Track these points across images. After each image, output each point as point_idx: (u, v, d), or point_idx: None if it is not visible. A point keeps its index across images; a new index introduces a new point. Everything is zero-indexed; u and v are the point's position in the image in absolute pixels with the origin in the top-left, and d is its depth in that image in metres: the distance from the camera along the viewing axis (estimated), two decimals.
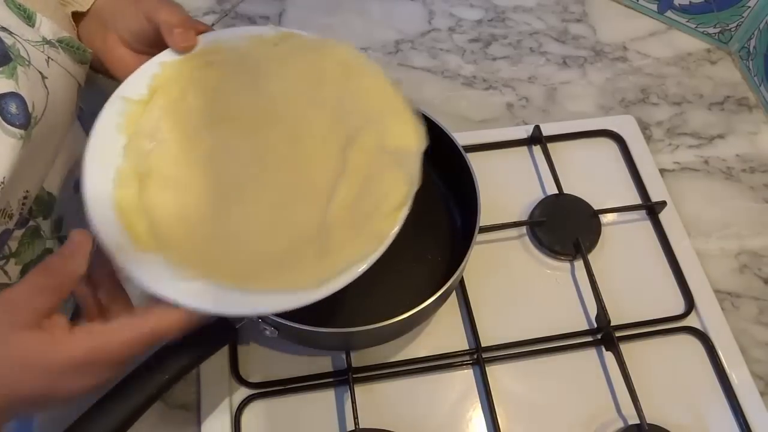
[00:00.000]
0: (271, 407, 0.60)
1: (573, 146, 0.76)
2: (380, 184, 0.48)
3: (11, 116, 0.45)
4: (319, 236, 0.47)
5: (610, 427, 0.59)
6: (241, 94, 0.53)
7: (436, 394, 0.61)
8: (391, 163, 0.49)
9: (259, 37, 0.55)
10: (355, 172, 0.49)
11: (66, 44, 0.51)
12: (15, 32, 0.47)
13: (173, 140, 0.51)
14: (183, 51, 0.53)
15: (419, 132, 0.51)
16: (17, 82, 0.45)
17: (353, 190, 0.48)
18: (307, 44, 0.55)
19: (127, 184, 0.48)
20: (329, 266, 0.45)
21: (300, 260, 0.46)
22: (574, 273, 0.67)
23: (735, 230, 0.71)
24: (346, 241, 0.47)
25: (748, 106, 0.81)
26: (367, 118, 0.51)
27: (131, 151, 0.50)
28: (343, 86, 0.53)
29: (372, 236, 0.46)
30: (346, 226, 0.47)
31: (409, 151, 0.50)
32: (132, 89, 0.52)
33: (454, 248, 0.63)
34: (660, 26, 0.88)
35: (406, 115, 0.51)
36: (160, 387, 0.48)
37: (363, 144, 0.50)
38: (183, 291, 0.44)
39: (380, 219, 0.47)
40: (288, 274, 0.46)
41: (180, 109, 0.52)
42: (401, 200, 0.48)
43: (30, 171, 0.49)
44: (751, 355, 0.63)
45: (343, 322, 0.53)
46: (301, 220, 0.48)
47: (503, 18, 0.89)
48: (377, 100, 0.52)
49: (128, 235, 0.46)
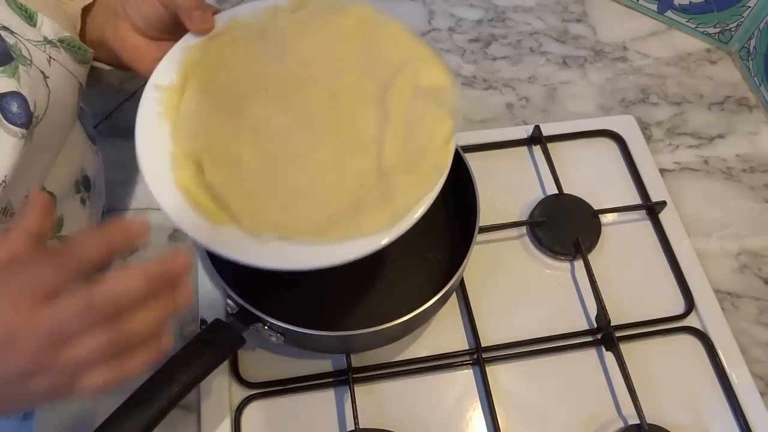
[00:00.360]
0: (271, 407, 0.60)
1: (573, 146, 0.76)
2: (424, 123, 0.50)
3: (13, 115, 0.45)
4: (380, 182, 0.49)
5: (610, 427, 0.59)
6: (270, 64, 0.54)
7: (436, 394, 0.61)
8: (429, 102, 0.51)
9: (275, 8, 0.56)
10: (397, 116, 0.51)
11: (67, 44, 0.51)
12: (17, 32, 0.47)
13: (216, 120, 0.52)
14: (202, 33, 0.54)
15: (446, 69, 0.53)
16: (19, 81, 0.45)
17: (400, 134, 0.50)
18: (323, 7, 0.56)
19: (184, 167, 0.49)
20: (398, 205, 0.47)
21: (368, 207, 0.48)
22: (574, 273, 0.67)
23: (735, 230, 0.71)
24: (407, 181, 0.48)
25: (748, 106, 0.81)
26: (396, 66, 0.53)
27: (178, 135, 0.51)
28: (366, 40, 0.55)
29: (431, 170, 0.48)
30: (403, 167, 0.49)
31: (443, 87, 0.51)
32: (163, 77, 0.53)
33: (454, 248, 0.63)
34: (660, 26, 0.88)
35: (432, 57, 0.53)
36: (171, 399, 0.48)
37: (398, 89, 0.52)
38: (267, 255, 0.46)
39: (434, 154, 0.49)
40: (361, 221, 0.47)
41: (215, 89, 0.53)
42: (448, 134, 0.50)
43: (32, 170, 0.49)
44: (751, 355, 0.63)
45: (344, 325, 0.53)
46: (358, 171, 0.50)
47: (503, 18, 0.89)
48: (401, 48, 0.54)
49: (200, 213, 0.47)
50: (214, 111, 0.52)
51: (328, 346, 0.60)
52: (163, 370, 0.48)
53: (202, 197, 0.48)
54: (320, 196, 0.49)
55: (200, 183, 0.49)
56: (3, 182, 0.45)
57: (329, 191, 0.49)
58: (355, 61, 0.54)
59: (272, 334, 0.54)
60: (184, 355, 0.50)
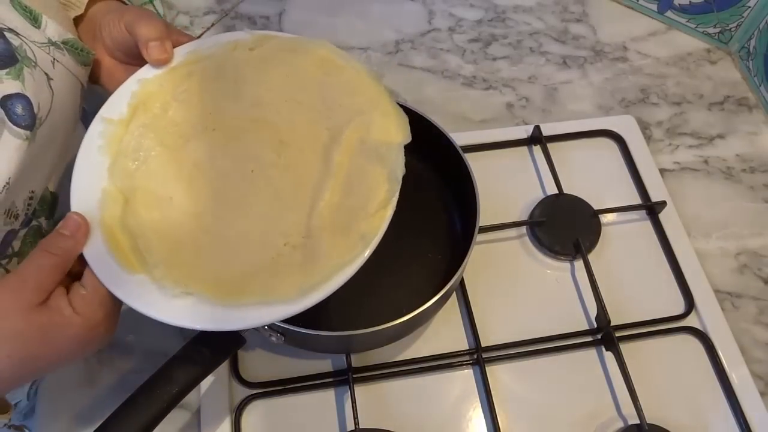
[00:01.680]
0: (271, 407, 0.60)
1: (573, 146, 0.76)
2: (363, 183, 0.48)
3: (17, 117, 0.45)
4: (306, 242, 0.47)
5: (610, 427, 0.59)
6: (222, 102, 0.53)
7: (436, 394, 0.61)
8: (373, 159, 0.49)
9: (235, 43, 0.55)
10: (339, 172, 0.49)
11: (70, 46, 0.51)
12: (22, 33, 0.47)
13: (157, 157, 0.51)
14: (159, 64, 0.53)
15: (402, 123, 0.50)
16: (24, 83, 0.45)
17: (338, 192, 0.48)
18: (284, 45, 0.55)
19: (111, 205, 0.48)
20: (315, 273, 0.45)
21: (286, 270, 0.46)
22: (574, 273, 0.67)
23: (735, 230, 0.71)
24: (332, 246, 0.46)
25: (748, 106, 0.81)
26: (350, 114, 0.51)
27: (115, 171, 0.50)
28: (323, 84, 0.53)
29: (358, 238, 0.46)
30: (332, 229, 0.47)
31: (390, 144, 0.49)
32: (112, 109, 0.52)
33: (454, 248, 0.63)
34: (660, 26, 0.88)
35: (388, 107, 0.51)
36: (171, 399, 0.48)
37: (346, 142, 0.50)
38: (171, 312, 0.44)
39: (365, 220, 0.46)
40: (274, 284, 0.45)
41: (162, 125, 0.52)
42: (384, 198, 0.47)
43: (35, 172, 0.49)
44: (751, 355, 0.63)
45: (344, 325, 0.53)
46: (288, 226, 0.48)
47: (503, 18, 0.89)
48: (359, 94, 0.52)
49: (115, 257, 0.46)
50: (156, 148, 0.51)
51: (328, 346, 0.60)
52: (163, 370, 0.48)
53: (122, 241, 0.47)
54: (242, 251, 0.48)
55: (123, 224, 0.47)
56: (7, 184, 0.45)
57: (253, 247, 0.48)
58: (311, 106, 0.52)
59: (272, 334, 0.54)
60: (184, 355, 0.49)
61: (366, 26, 0.87)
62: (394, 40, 0.86)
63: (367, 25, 0.87)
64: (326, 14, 0.89)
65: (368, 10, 0.89)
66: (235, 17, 0.88)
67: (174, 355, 0.49)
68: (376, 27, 0.87)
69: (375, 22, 0.88)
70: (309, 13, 0.89)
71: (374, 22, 0.88)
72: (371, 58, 0.84)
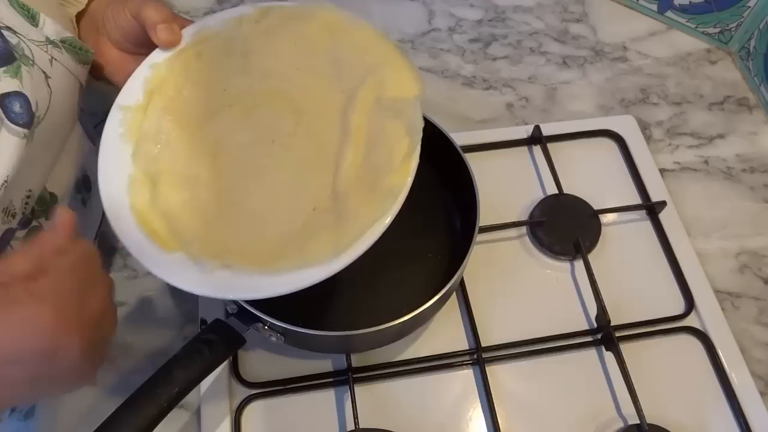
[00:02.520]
0: (271, 407, 0.60)
1: (573, 146, 0.76)
2: (384, 139, 0.48)
3: (15, 115, 0.45)
4: (334, 205, 0.47)
5: (610, 427, 0.59)
6: (235, 78, 0.53)
7: (436, 394, 0.61)
8: (390, 116, 0.49)
9: (241, 18, 0.55)
10: (358, 132, 0.49)
11: (69, 44, 0.51)
12: (19, 32, 0.47)
13: (178, 138, 0.51)
14: (168, 46, 0.54)
15: (415, 77, 0.50)
16: (21, 81, 0.45)
17: (360, 151, 0.49)
18: (288, 14, 0.55)
19: (140, 189, 0.49)
20: (348, 232, 0.45)
21: (320, 232, 0.47)
22: (574, 273, 0.67)
23: (735, 230, 0.71)
24: (360, 204, 0.46)
25: (748, 106, 0.81)
26: (362, 73, 0.51)
27: (139, 157, 0.50)
28: (332, 47, 0.53)
29: (385, 193, 0.46)
30: (359, 188, 0.47)
31: (406, 99, 0.49)
32: (128, 96, 0.53)
33: (454, 248, 0.63)
34: (660, 26, 0.88)
35: (400, 61, 0.51)
36: (171, 399, 0.48)
37: (362, 102, 0.50)
38: (210, 285, 0.45)
39: (390, 174, 0.47)
40: (308, 249, 0.46)
41: (179, 107, 0.52)
42: (406, 151, 0.47)
43: (33, 170, 0.49)
44: (751, 355, 0.63)
45: (344, 325, 0.53)
46: (314, 192, 0.48)
47: (503, 18, 0.89)
48: (371, 53, 0.52)
49: (151, 239, 0.47)
50: (176, 130, 0.51)
51: (328, 346, 0.60)
52: (163, 370, 0.48)
53: (155, 223, 0.47)
54: (273, 220, 0.48)
55: (154, 207, 0.48)
56: (5, 182, 0.45)
57: (283, 215, 0.48)
58: (322, 71, 0.52)
59: (272, 334, 0.54)
60: (184, 355, 0.49)
61: None
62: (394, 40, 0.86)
63: None
64: None
65: (368, 10, 0.89)
66: None
67: (174, 355, 0.49)
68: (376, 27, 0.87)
69: (375, 22, 0.87)
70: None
71: (374, 22, 0.87)
72: None
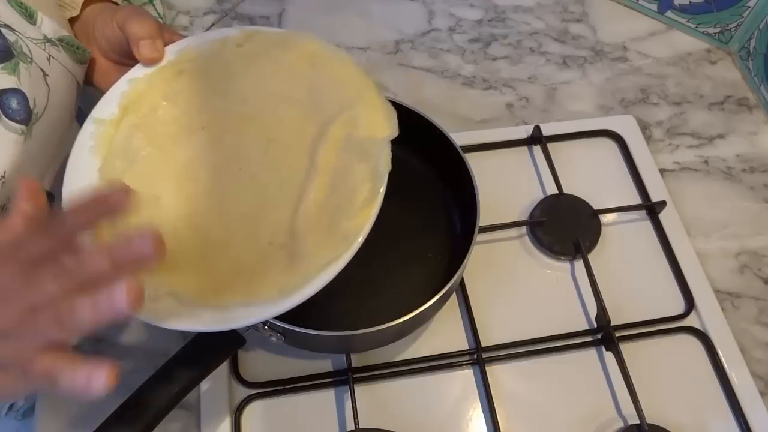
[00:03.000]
0: (271, 407, 0.60)
1: (573, 146, 0.76)
2: (348, 180, 0.47)
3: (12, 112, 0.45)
4: (291, 241, 0.46)
5: (610, 427, 0.59)
6: (210, 100, 0.53)
7: (436, 394, 0.61)
8: (357, 157, 0.47)
9: (224, 40, 0.55)
10: (324, 168, 0.48)
11: (66, 43, 0.52)
12: (17, 29, 0.47)
13: (146, 157, 0.51)
14: (149, 63, 0.53)
15: (389, 116, 0.49)
16: (19, 78, 0.45)
17: (323, 189, 0.47)
18: (271, 40, 0.54)
19: None
20: (297, 274, 0.44)
21: (271, 269, 0.45)
22: (574, 273, 0.67)
23: (735, 230, 0.71)
24: (315, 245, 0.45)
25: (748, 106, 0.81)
26: (337, 107, 0.50)
27: (105, 172, 0.50)
28: (311, 78, 0.52)
29: (340, 238, 0.45)
30: (316, 228, 0.46)
31: (375, 140, 0.47)
32: (104, 109, 0.52)
33: (454, 248, 0.63)
34: (660, 26, 0.88)
35: (375, 99, 0.50)
36: (171, 399, 0.48)
37: (332, 138, 0.49)
38: (153, 311, 0.44)
39: (349, 218, 0.45)
40: (257, 285, 0.45)
41: (152, 125, 0.52)
42: (367, 196, 0.45)
43: (31, 167, 0.49)
44: (751, 355, 0.63)
45: (344, 325, 0.53)
46: (273, 225, 0.47)
47: (503, 18, 0.89)
48: (346, 87, 0.51)
49: None
50: (146, 148, 0.51)
51: (328, 346, 0.60)
52: (163, 370, 0.48)
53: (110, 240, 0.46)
54: (228, 250, 0.47)
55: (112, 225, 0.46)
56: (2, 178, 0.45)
57: (239, 246, 0.47)
58: (298, 101, 0.52)
59: (272, 334, 0.54)
60: (184, 355, 0.50)
61: (366, 26, 0.87)
62: (394, 40, 0.86)
63: (367, 25, 0.87)
64: (326, 14, 0.89)
65: (368, 9, 0.89)
66: (235, 17, 0.88)
67: (174, 355, 0.49)
68: (376, 27, 0.87)
69: (375, 22, 0.88)
70: (309, 13, 0.89)
71: (374, 22, 0.88)
72: (371, 58, 0.84)
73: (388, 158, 0.46)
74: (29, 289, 0.36)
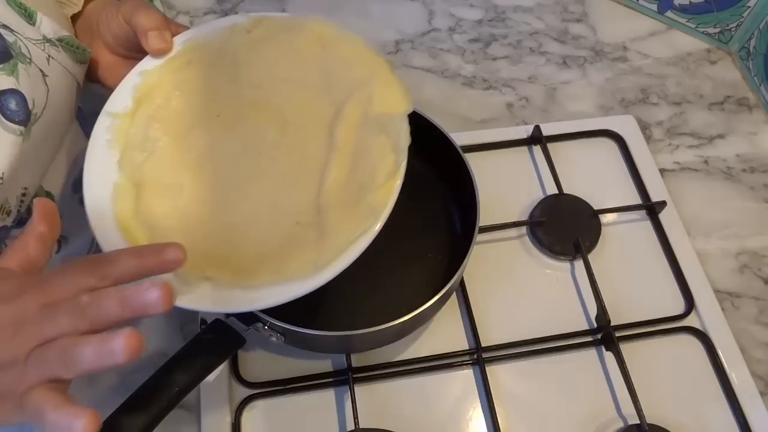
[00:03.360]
0: (271, 407, 0.60)
1: (573, 146, 0.76)
2: (369, 156, 0.48)
3: (11, 112, 0.45)
4: (317, 219, 0.47)
5: (610, 427, 0.59)
6: (223, 88, 0.53)
7: (436, 394, 0.61)
8: (376, 132, 0.48)
9: (232, 27, 0.55)
10: (344, 147, 0.48)
11: (66, 43, 0.51)
12: (16, 30, 0.47)
13: (164, 147, 0.51)
14: (159, 54, 0.53)
15: (403, 93, 0.50)
16: (18, 79, 0.45)
17: (345, 167, 0.48)
18: (280, 25, 0.54)
19: (124, 197, 0.48)
20: (328, 249, 0.45)
21: (300, 247, 0.46)
22: (574, 273, 0.67)
23: (735, 230, 0.71)
24: (342, 220, 0.46)
25: (748, 106, 0.81)
26: (351, 87, 0.50)
27: (124, 164, 0.50)
28: (322, 60, 0.52)
29: (367, 211, 0.45)
30: (342, 204, 0.47)
31: (392, 115, 0.48)
32: (117, 103, 0.52)
33: (454, 248, 0.63)
34: (660, 26, 0.88)
35: (389, 77, 0.50)
36: (171, 399, 0.47)
37: (349, 116, 0.49)
38: (190, 298, 0.44)
39: (374, 192, 0.46)
40: (288, 263, 0.45)
41: (166, 115, 0.52)
42: (390, 169, 0.46)
43: (30, 168, 0.49)
44: (751, 355, 0.63)
45: (344, 325, 0.53)
46: (297, 206, 0.48)
47: (503, 18, 0.89)
48: (359, 67, 0.51)
49: None
50: (163, 138, 0.51)
51: (328, 346, 0.60)
52: (163, 370, 0.48)
53: (137, 232, 0.47)
54: (255, 233, 0.48)
55: (136, 215, 0.48)
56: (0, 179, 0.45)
57: (265, 228, 0.48)
58: (311, 83, 0.52)
59: (272, 334, 0.54)
60: (184, 355, 0.49)
61: (366, 26, 0.87)
62: (394, 40, 0.86)
63: (367, 25, 0.87)
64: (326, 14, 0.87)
65: (368, 9, 0.89)
66: None
67: (174, 355, 0.49)
68: (376, 27, 0.87)
69: (375, 22, 0.88)
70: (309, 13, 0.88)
71: (374, 22, 0.88)
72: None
73: (407, 132, 0.47)
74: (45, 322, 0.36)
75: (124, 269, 0.38)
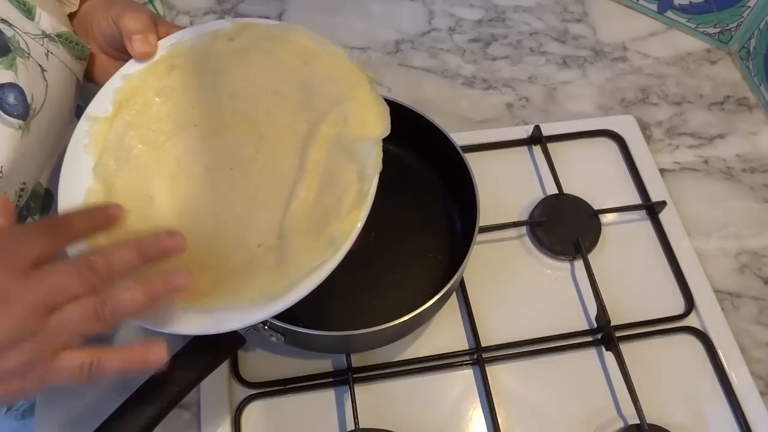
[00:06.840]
0: (271, 407, 0.60)
1: (573, 146, 0.76)
2: (338, 179, 0.46)
3: (9, 106, 0.45)
4: (279, 243, 0.45)
5: (610, 427, 0.59)
6: (203, 96, 0.52)
7: (436, 394, 0.61)
8: (346, 158, 0.46)
9: (216, 33, 0.54)
10: (314, 168, 0.47)
11: (65, 39, 0.51)
12: (15, 24, 0.47)
13: (139, 155, 0.50)
14: (142, 57, 0.52)
15: (381, 113, 0.47)
16: (16, 73, 0.45)
17: (313, 189, 0.46)
18: (264, 33, 0.53)
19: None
20: (283, 278, 0.43)
21: (258, 272, 0.45)
22: (574, 273, 0.67)
23: (735, 230, 0.71)
24: (302, 250, 0.44)
25: (748, 106, 0.81)
26: (329, 104, 0.49)
27: (99, 170, 0.49)
28: (302, 73, 0.51)
29: (328, 241, 0.44)
30: (305, 231, 0.45)
31: (365, 140, 0.46)
32: (98, 107, 0.52)
33: (454, 248, 0.63)
34: (660, 26, 0.88)
35: (367, 95, 0.48)
36: (171, 399, 0.48)
37: (322, 136, 0.48)
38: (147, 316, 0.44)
39: (338, 220, 0.44)
40: (244, 288, 0.44)
41: (144, 122, 0.51)
42: (354, 198, 0.44)
43: (28, 163, 0.49)
44: (751, 355, 0.63)
45: (344, 325, 0.53)
46: (263, 227, 0.47)
47: (503, 18, 0.89)
48: (339, 82, 0.50)
49: None
50: (138, 146, 0.50)
51: (328, 346, 0.60)
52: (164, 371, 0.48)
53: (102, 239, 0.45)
54: (217, 251, 0.47)
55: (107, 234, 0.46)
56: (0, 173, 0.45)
57: (229, 248, 0.47)
58: (290, 96, 0.51)
59: (272, 334, 0.54)
60: (184, 355, 0.49)
61: (366, 26, 0.87)
62: (394, 40, 0.86)
63: (367, 25, 0.87)
64: (326, 14, 0.88)
65: (368, 9, 0.89)
66: (234, 17, 0.88)
67: (174, 355, 0.49)
68: (376, 27, 0.87)
69: (375, 22, 0.88)
70: (309, 13, 0.89)
71: (374, 22, 0.88)
72: (371, 58, 0.84)
73: (377, 159, 0.45)
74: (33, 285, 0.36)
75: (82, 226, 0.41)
